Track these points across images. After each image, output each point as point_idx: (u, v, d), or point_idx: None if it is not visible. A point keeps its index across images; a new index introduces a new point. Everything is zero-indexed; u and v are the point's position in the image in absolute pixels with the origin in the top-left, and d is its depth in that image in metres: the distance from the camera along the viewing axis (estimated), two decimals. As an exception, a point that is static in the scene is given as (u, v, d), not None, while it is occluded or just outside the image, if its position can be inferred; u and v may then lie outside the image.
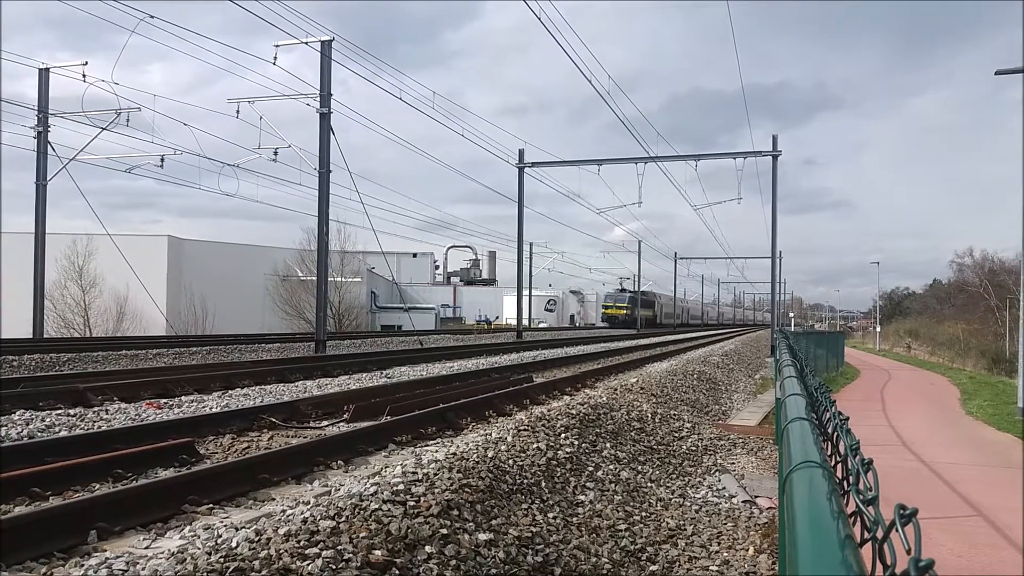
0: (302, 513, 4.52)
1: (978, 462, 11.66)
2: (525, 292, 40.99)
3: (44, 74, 24.46)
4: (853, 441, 1.57)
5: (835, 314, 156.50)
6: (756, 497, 7.73)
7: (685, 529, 6.52)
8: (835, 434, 1.96)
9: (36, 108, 24.35)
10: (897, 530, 0.94)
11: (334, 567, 3.92)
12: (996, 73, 18.44)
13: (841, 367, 34.29)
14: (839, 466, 1.71)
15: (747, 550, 6.03)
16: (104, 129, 24.30)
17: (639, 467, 8.43)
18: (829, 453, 1.93)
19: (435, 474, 5.56)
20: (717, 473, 8.85)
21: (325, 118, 22.22)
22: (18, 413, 8.57)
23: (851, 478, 1.42)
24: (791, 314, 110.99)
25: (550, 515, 5.95)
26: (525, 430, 7.93)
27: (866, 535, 1.10)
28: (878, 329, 72.81)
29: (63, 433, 7.69)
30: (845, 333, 70.67)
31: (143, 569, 3.73)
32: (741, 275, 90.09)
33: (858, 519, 1.24)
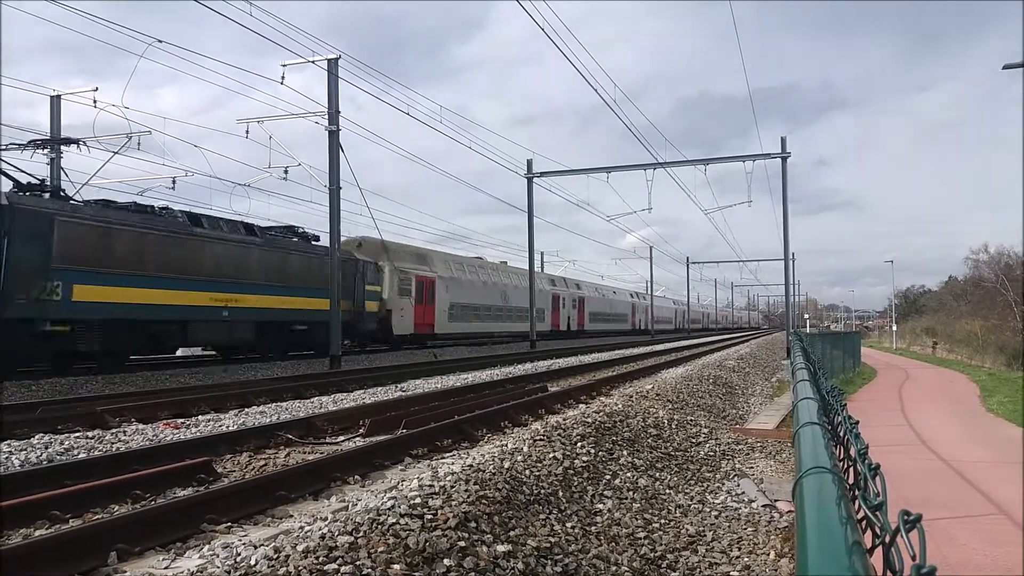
0: (320, 529, 4.53)
1: (1000, 459, 11.54)
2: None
3: (56, 101, 24.71)
4: (862, 445, 1.56)
5: (851, 314, 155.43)
6: (776, 501, 7.67)
7: (705, 535, 6.49)
8: (846, 438, 1.95)
9: (48, 135, 24.59)
10: (902, 536, 0.94)
11: (353, 583, 3.92)
12: (1003, 67, 18.43)
13: (858, 367, 34.09)
14: (850, 470, 1.71)
15: (768, 555, 5.99)
16: (116, 153, 24.42)
17: (657, 474, 8.40)
18: (841, 457, 1.92)
19: (452, 486, 5.57)
20: (736, 478, 8.80)
21: (334, 136, 22.33)
22: (37, 437, 8.62)
23: (861, 483, 1.42)
24: (806, 315, 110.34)
25: (568, 525, 5.94)
26: (541, 440, 7.92)
27: (876, 541, 1.09)
28: (894, 328, 72.31)
29: (81, 456, 7.73)
30: (861, 333, 70.26)
31: (163, 590, 3.74)
32: (755, 278, 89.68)
33: (869, 525, 1.23)
